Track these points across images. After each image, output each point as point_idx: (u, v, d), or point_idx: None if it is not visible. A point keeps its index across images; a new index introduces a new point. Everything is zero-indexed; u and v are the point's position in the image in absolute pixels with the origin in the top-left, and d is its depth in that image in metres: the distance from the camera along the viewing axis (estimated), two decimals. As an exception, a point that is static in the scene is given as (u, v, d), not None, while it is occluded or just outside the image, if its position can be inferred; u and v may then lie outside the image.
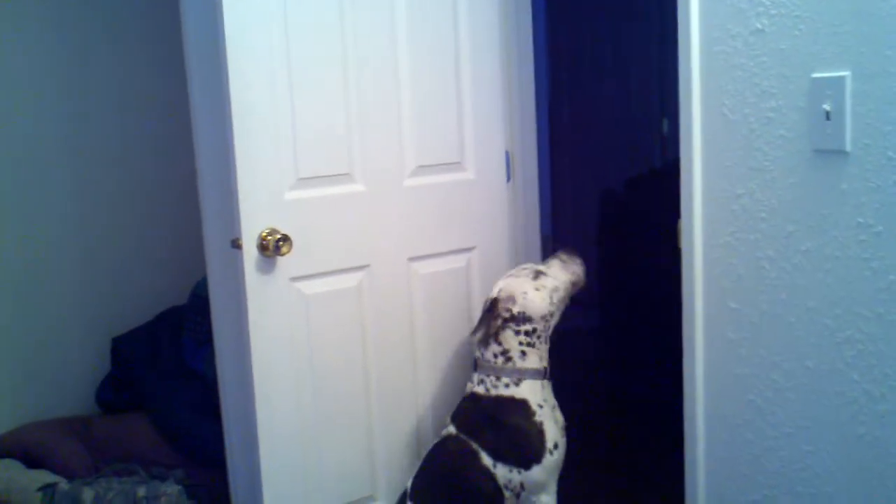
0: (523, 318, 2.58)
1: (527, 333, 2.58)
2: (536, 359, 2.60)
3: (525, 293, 2.60)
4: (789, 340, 1.91)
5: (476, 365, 2.65)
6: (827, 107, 1.71)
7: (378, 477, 2.78)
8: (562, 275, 2.69)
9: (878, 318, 1.69)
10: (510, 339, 2.58)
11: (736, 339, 2.06)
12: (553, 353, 2.66)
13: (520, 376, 2.57)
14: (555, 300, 2.63)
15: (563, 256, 2.72)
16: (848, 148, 1.68)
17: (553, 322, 2.66)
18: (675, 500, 2.41)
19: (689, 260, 2.16)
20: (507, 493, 2.53)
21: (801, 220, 1.83)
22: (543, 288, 2.62)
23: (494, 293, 2.63)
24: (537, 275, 2.65)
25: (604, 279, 4.10)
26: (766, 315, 1.96)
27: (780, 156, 1.86)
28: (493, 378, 2.58)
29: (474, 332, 2.61)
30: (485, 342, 2.60)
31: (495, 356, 2.59)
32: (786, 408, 1.94)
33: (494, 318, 2.58)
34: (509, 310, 2.58)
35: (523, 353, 2.58)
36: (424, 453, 2.71)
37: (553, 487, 2.58)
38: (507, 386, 2.57)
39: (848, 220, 1.71)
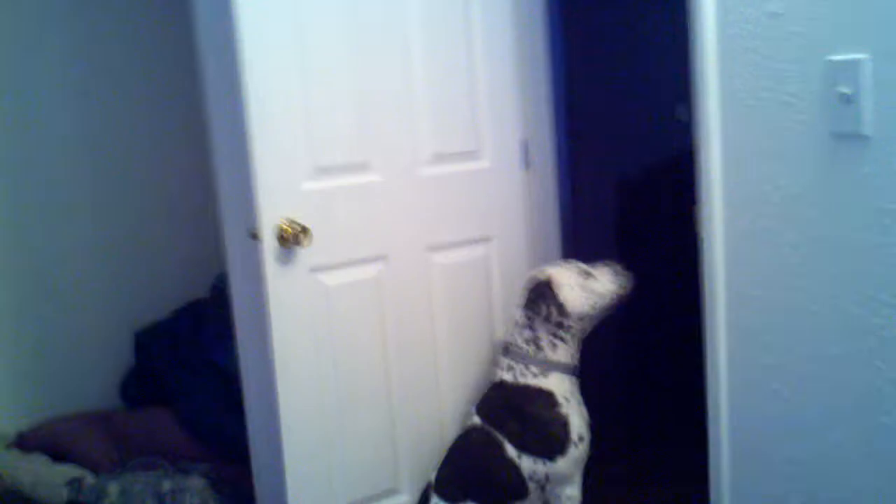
0: (561, 311, 2.56)
1: (558, 325, 2.57)
2: (566, 353, 2.60)
3: (571, 287, 2.59)
4: (812, 328, 1.88)
5: (506, 350, 2.64)
6: (846, 90, 1.68)
7: (401, 469, 2.78)
8: (610, 284, 2.65)
9: (901, 304, 1.66)
10: (541, 326, 2.57)
11: (758, 327, 2.04)
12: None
13: (548, 367, 2.56)
14: (597, 306, 2.62)
15: (617, 267, 2.68)
16: (867, 132, 1.65)
17: (588, 325, 2.65)
18: (701, 492, 2.39)
19: (709, 247, 2.14)
20: (531, 485, 2.53)
21: (822, 205, 1.80)
22: (590, 291, 2.61)
23: (543, 277, 2.61)
24: (587, 275, 2.63)
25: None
26: (789, 303, 1.93)
27: (798, 140, 1.83)
28: (522, 366, 2.58)
29: (524, 307, 2.59)
30: (530, 325, 2.59)
31: (527, 342, 2.59)
32: (810, 397, 1.92)
33: (547, 300, 2.56)
34: (553, 297, 2.57)
35: (553, 344, 2.57)
36: (447, 444, 2.71)
37: (578, 480, 2.58)
38: (535, 376, 2.56)
39: (869, 205, 1.68)
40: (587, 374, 2.71)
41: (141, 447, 3.31)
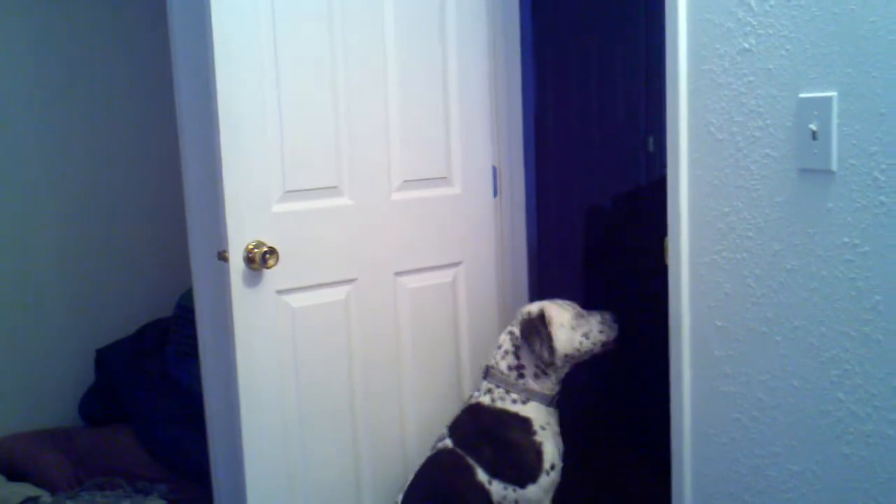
0: (550, 349, 2.58)
1: (544, 361, 2.58)
2: (548, 385, 2.62)
3: (564, 327, 2.62)
4: (775, 359, 1.91)
5: (487, 373, 2.65)
6: (813, 126, 1.71)
7: (363, 491, 2.77)
8: (600, 333, 2.67)
9: (864, 337, 1.69)
10: (528, 358, 2.60)
11: (722, 356, 2.06)
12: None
13: (528, 396, 2.58)
14: (583, 350, 2.65)
15: (607, 317, 2.70)
16: (834, 168, 1.69)
17: (571, 365, 2.67)
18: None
19: (675, 277, 2.16)
20: None
21: (788, 238, 1.83)
22: (582, 335, 2.64)
23: (537, 311, 2.63)
24: (580, 318, 2.66)
25: (590, 294, 4.11)
26: (752, 333, 1.96)
27: (766, 175, 1.86)
28: (502, 390, 2.59)
29: (526, 337, 2.59)
30: (516, 353, 2.61)
31: (510, 368, 2.60)
32: (772, 427, 1.94)
33: (539, 336, 2.58)
34: (546, 334, 2.60)
35: (536, 375, 2.59)
36: (411, 467, 2.71)
37: None
38: (514, 402, 2.57)
39: (834, 240, 1.72)
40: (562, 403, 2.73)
41: (100, 466, 3.28)
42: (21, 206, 3.52)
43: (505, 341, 2.66)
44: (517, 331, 2.64)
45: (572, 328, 2.63)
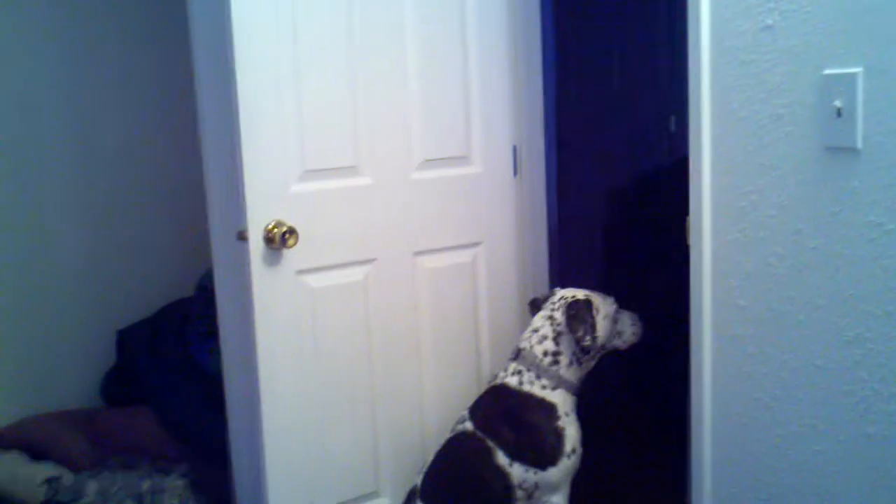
0: (593, 336, 2.59)
1: (583, 349, 2.58)
2: (577, 374, 2.62)
3: (606, 317, 2.64)
4: (798, 338, 1.89)
5: (517, 355, 2.63)
6: (838, 104, 1.69)
7: (382, 472, 2.77)
8: (630, 328, 2.72)
9: (888, 316, 1.67)
10: (567, 345, 2.59)
11: (744, 336, 2.05)
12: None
13: (557, 383, 2.57)
14: (613, 343, 2.70)
15: (637, 317, 2.74)
16: (859, 145, 1.67)
17: (599, 356, 2.69)
18: (681, 499, 2.40)
19: (697, 257, 2.15)
20: (519, 493, 2.52)
21: (811, 217, 1.81)
22: (618, 329, 2.69)
23: (581, 296, 2.64)
24: (618, 311, 2.70)
25: (611, 275, 4.09)
26: (775, 313, 1.95)
27: (789, 153, 1.84)
28: (532, 374, 2.57)
29: (571, 321, 2.58)
30: (555, 339, 2.60)
31: (545, 354, 2.59)
32: (794, 406, 1.93)
33: (585, 322, 2.58)
34: (592, 321, 2.61)
35: (570, 363, 2.58)
36: (429, 448, 2.70)
37: (566, 489, 2.58)
38: (543, 387, 2.56)
39: (858, 218, 1.70)
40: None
41: (120, 446, 3.29)
42: (42, 191, 3.53)
43: (544, 326, 2.62)
44: (559, 316, 2.61)
45: (612, 320, 2.66)
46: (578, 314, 2.58)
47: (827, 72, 1.73)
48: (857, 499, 1.80)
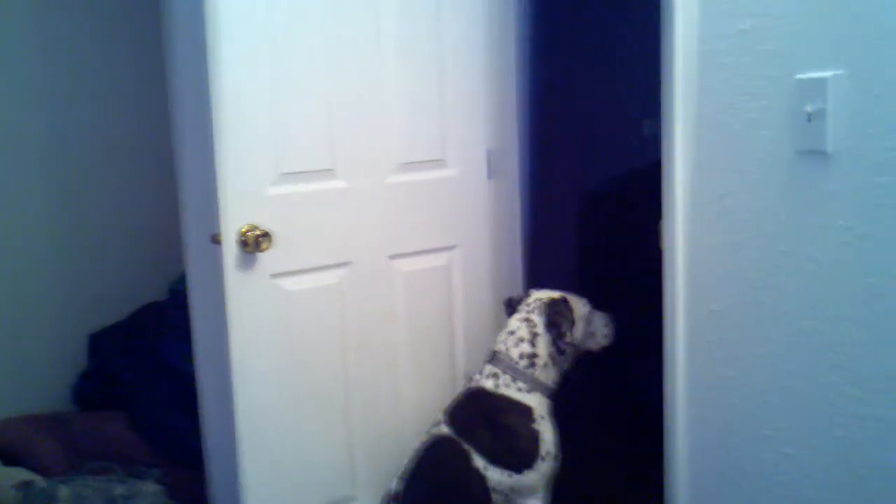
0: (571, 336, 2.61)
1: (558, 349, 2.59)
2: (553, 376, 2.62)
3: (580, 317, 2.66)
4: (769, 342, 1.90)
5: (493, 357, 2.63)
6: (809, 108, 1.70)
7: (358, 476, 2.76)
8: (603, 328, 2.75)
9: (858, 320, 1.68)
10: (543, 347, 2.59)
11: (716, 340, 2.06)
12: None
13: (533, 386, 2.57)
14: (586, 344, 2.72)
15: (609, 319, 2.76)
16: (830, 150, 1.68)
17: (573, 358, 2.70)
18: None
19: (670, 260, 2.16)
20: (495, 496, 2.52)
21: (783, 221, 1.82)
22: (591, 330, 2.71)
23: (557, 295, 2.65)
24: (591, 313, 2.72)
25: (584, 278, 4.10)
26: (747, 317, 1.96)
27: (762, 157, 1.85)
28: (508, 377, 2.57)
29: (551, 320, 2.59)
30: (532, 341, 2.60)
31: (522, 356, 2.59)
32: (766, 410, 1.94)
33: (563, 322, 2.60)
34: (570, 321, 2.63)
35: (546, 365, 2.59)
36: (406, 452, 2.70)
37: (543, 494, 2.57)
38: (519, 390, 2.56)
39: (829, 223, 1.71)
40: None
41: (94, 451, 3.27)
42: (13, 191, 3.50)
43: (520, 328, 2.62)
44: (536, 318, 2.61)
45: (587, 322, 2.68)
46: (560, 312, 2.59)
47: (799, 76, 1.74)
48: (827, 501, 1.81)
